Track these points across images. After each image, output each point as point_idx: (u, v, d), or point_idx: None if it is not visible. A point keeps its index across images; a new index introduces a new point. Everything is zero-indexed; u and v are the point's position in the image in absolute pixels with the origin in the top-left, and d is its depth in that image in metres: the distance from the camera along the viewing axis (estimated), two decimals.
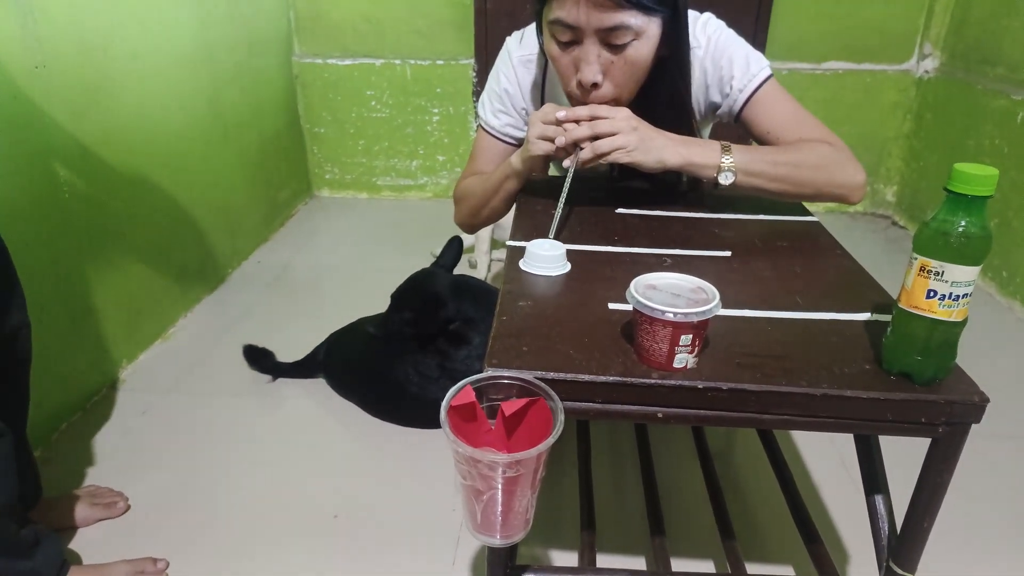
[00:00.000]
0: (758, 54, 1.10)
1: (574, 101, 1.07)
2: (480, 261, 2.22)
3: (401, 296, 1.52)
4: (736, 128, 1.14)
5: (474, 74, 2.73)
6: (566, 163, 1.00)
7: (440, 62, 2.73)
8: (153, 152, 1.78)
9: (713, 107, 1.14)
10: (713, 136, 1.36)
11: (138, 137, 1.71)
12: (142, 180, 1.74)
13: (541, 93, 1.21)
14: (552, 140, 1.00)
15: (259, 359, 1.68)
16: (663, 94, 1.08)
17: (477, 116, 1.28)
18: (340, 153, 2.93)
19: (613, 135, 0.96)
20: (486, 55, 2.68)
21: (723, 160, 1.00)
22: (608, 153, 0.97)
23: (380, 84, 2.79)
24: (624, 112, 0.99)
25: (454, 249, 1.63)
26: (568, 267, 0.91)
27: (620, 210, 1.12)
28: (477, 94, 2.74)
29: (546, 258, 0.90)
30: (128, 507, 1.26)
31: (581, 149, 0.98)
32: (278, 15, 2.60)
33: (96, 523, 1.23)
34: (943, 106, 2.50)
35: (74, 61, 1.48)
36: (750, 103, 1.09)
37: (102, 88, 1.57)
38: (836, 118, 2.70)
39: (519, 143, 1.22)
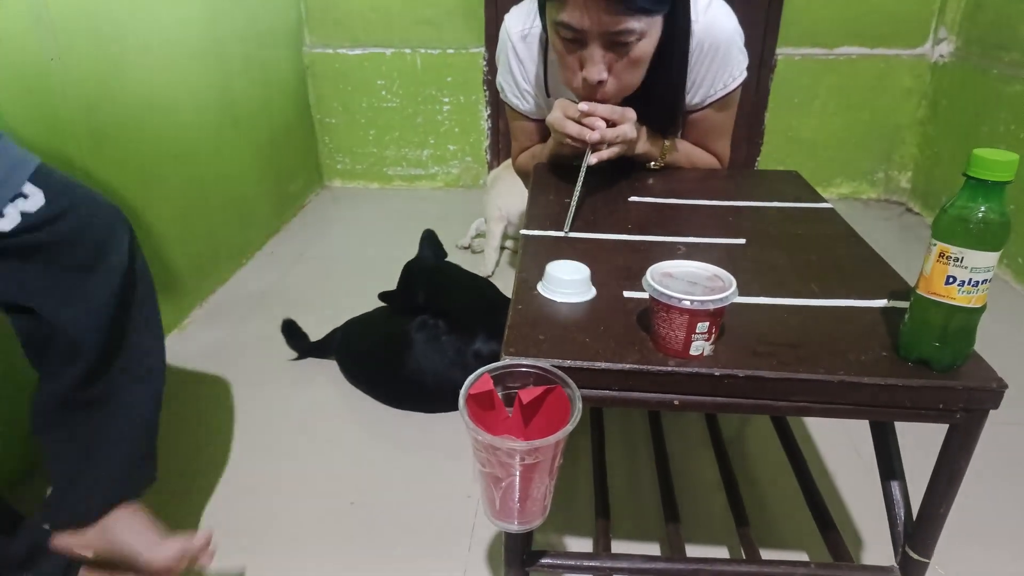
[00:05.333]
0: (745, 56, 1.24)
1: (578, 93, 1.15)
2: (489, 257, 2.17)
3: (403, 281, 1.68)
4: None
5: (484, 62, 2.72)
6: (590, 145, 1.12)
7: (450, 51, 2.72)
8: (165, 144, 1.78)
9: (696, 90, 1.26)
10: None
11: (150, 129, 1.72)
12: (154, 171, 1.75)
13: (544, 72, 1.33)
14: (571, 137, 1.12)
15: (296, 337, 1.72)
16: (660, 83, 1.17)
17: (502, 91, 1.46)
18: (351, 143, 2.93)
19: (624, 129, 1.12)
20: (496, 43, 2.65)
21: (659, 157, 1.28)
22: (616, 144, 1.12)
23: (390, 73, 2.78)
24: (632, 113, 1.13)
25: (426, 243, 1.74)
26: (593, 292, 0.83)
27: (633, 199, 1.12)
28: (488, 82, 2.73)
29: (568, 283, 0.81)
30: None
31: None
32: (288, 5, 2.60)
33: None
34: (958, 92, 2.47)
35: (87, 54, 1.49)
36: (714, 103, 1.27)
37: (115, 80, 1.58)
38: (850, 104, 2.67)
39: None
